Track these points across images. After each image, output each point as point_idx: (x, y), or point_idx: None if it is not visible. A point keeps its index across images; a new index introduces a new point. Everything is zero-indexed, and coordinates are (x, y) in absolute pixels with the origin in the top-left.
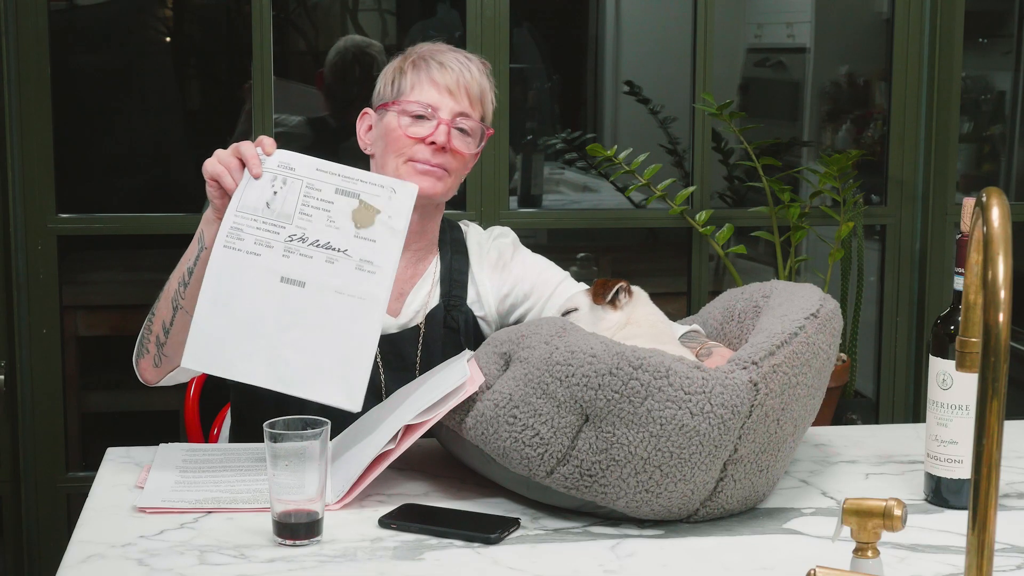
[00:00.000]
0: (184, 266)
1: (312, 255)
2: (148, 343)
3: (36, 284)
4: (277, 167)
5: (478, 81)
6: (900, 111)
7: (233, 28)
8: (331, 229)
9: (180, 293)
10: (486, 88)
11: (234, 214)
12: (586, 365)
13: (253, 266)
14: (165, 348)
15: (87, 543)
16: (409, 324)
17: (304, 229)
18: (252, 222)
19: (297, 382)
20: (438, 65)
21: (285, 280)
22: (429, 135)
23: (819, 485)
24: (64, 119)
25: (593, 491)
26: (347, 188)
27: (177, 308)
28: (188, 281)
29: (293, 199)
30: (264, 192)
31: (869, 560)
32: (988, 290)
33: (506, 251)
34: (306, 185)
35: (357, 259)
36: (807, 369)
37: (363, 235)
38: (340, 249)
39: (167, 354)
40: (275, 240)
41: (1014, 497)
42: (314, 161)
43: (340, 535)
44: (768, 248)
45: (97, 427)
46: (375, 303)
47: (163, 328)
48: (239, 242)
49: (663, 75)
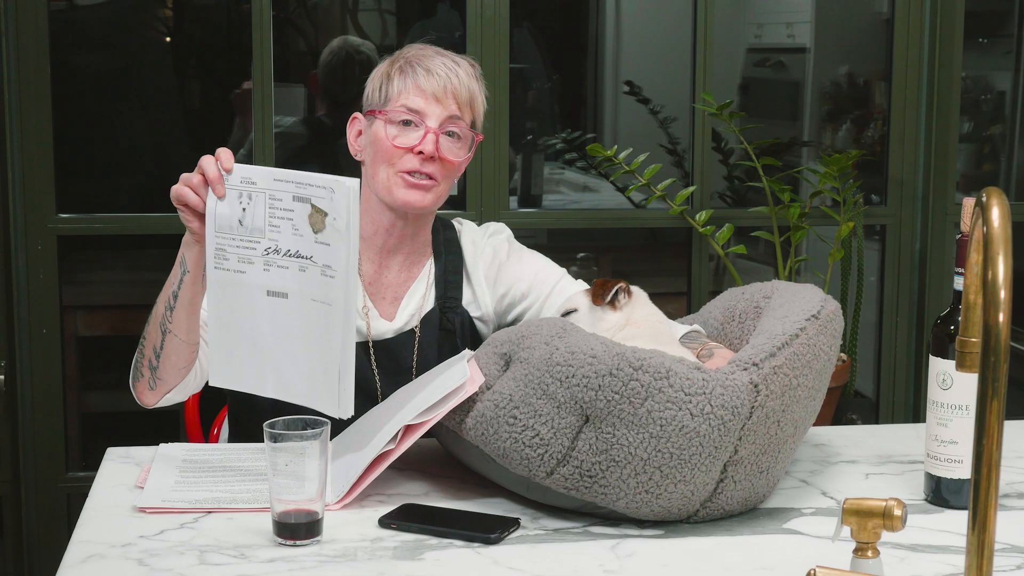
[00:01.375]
0: (169, 290)
1: (287, 265)
2: (142, 367)
3: (36, 284)
4: (240, 183)
5: (467, 85)
6: (900, 111)
7: (233, 28)
8: (296, 237)
9: (167, 317)
10: (475, 91)
11: (214, 235)
12: (586, 366)
13: (242, 283)
14: (158, 372)
15: (87, 543)
16: (404, 328)
17: (276, 241)
18: (231, 241)
19: (301, 393)
20: (424, 71)
21: (271, 293)
22: (416, 144)
23: (819, 485)
24: (64, 119)
25: (593, 492)
26: (300, 194)
27: (166, 332)
28: (174, 305)
29: (261, 213)
30: (234, 210)
31: (869, 560)
32: (988, 290)
33: (501, 249)
34: (269, 197)
35: (320, 265)
36: (808, 371)
37: (320, 240)
38: (307, 256)
39: (161, 377)
40: (254, 256)
41: (1014, 497)
42: (271, 171)
43: (340, 535)
44: (768, 248)
45: (97, 427)
46: (339, 308)
47: (154, 352)
48: (225, 262)
49: (663, 75)
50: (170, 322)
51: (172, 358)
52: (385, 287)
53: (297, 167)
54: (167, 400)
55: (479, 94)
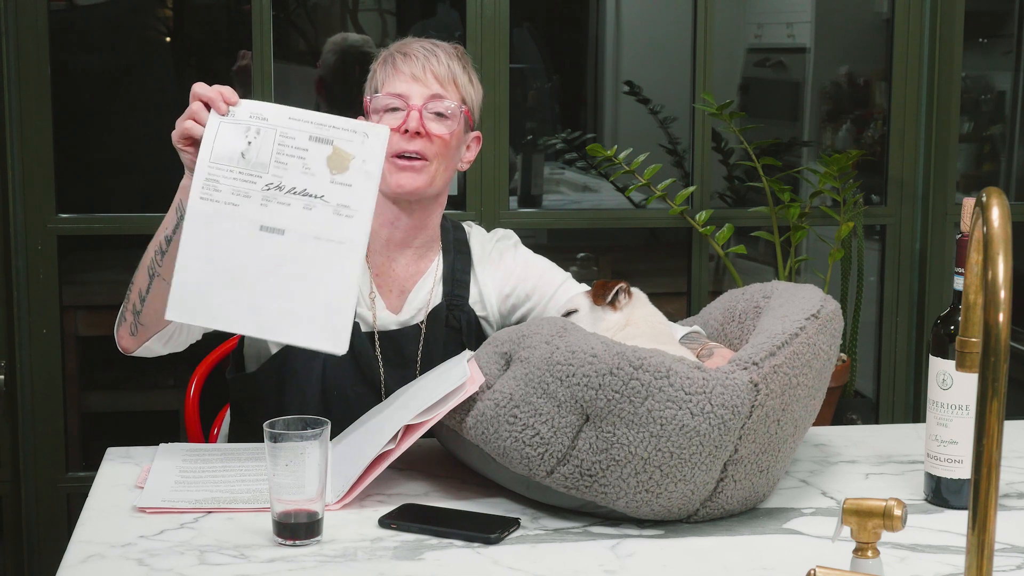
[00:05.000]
0: (161, 235)
1: (290, 203)
2: (126, 312)
3: (36, 284)
4: (249, 118)
5: (445, 63)
6: (900, 111)
7: (233, 28)
8: (307, 176)
9: (157, 261)
10: (456, 70)
11: (208, 165)
12: (587, 365)
13: (231, 216)
14: (141, 316)
15: (87, 543)
16: (410, 322)
17: (280, 177)
18: (228, 173)
19: (278, 328)
20: (402, 56)
21: (265, 229)
22: (402, 123)
23: (819, 485)
24: (64, 119)
25: (593, 491)
26: (320, 135)
27: (154, 276)
28: (166, 249)
29: (268, 148)
30: (238, 143)
31: (869, 560)
32: (988, 290)
33: (508, 252)
34: (280, 134)
35: (335, 204)
36: (808, 370)
37: (339, 180)
38: (317, 195)
39: (143, 323)
40: (252, 190)
41: (1014, 497)
42: (286, 110)
43: (340, 535)
44: (768, 248)
45: (97, 427)
46: (353, 246)
47: (140, 296)
48: (216, 193)
49: (663, 75)
50: (160, 265)
51: (156, 303)
52: (392, 280)
53: None
54: (147, 350)
55: (462, 73)
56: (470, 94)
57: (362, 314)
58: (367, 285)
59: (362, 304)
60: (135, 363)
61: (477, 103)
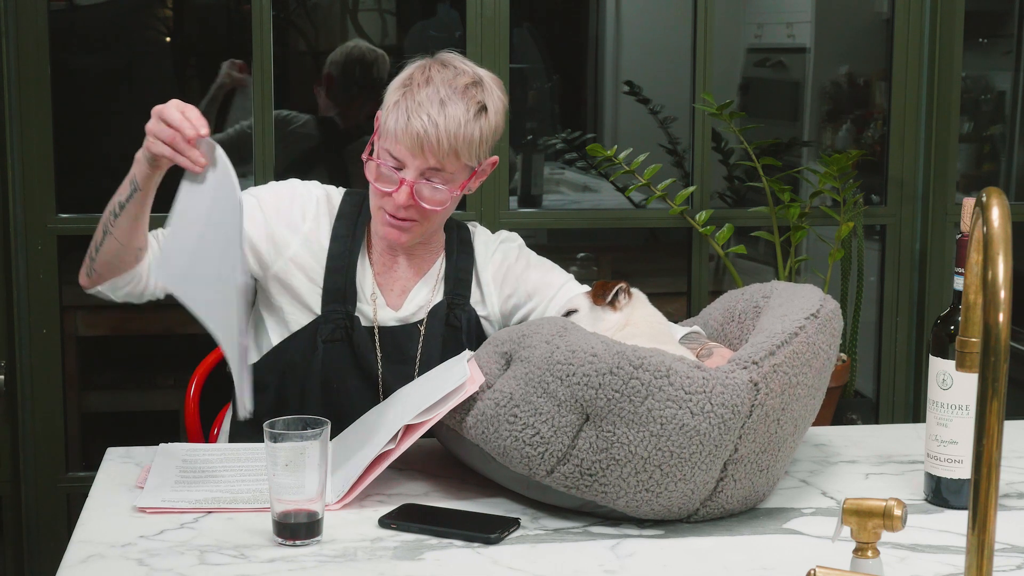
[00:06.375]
0: (116, 199)
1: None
2: (88, 253)
3: (36, 284)
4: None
5: (451, 134)
6: (900, 111)
7: (233, 28)
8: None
9: (110, 221)
10: (460, 139)
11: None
12: (587, 364)
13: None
14: (95, 264)
15: (87, 543)
16: (411, 319)
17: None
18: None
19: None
20: (406, 118)
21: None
22: (394, 191)
23: (819, 485)
24: (64, 119)
25: (593, 490)
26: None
27: (107, 233)
28: (119, 213)
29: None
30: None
31: (869, 560)
32: (988, 290)
33: (511, 253)
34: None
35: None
36: (807, 369)
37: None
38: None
39: (96, 270)
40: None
41: (1014, 497)
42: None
43: (340, 535)
44: (768, 248)
45: (97, 427)
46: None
47: (95, 246)
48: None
49: (663, 75)
50: (112, 226)
51: (106, 256)
52: (394, 280)
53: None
54: (103, 292)
55: (464, 141)
56: (477, 153)
57: (363, 310)
58: (369, 284)
59: (364, 301)
60: (135, 363)
61: (492, 139)
